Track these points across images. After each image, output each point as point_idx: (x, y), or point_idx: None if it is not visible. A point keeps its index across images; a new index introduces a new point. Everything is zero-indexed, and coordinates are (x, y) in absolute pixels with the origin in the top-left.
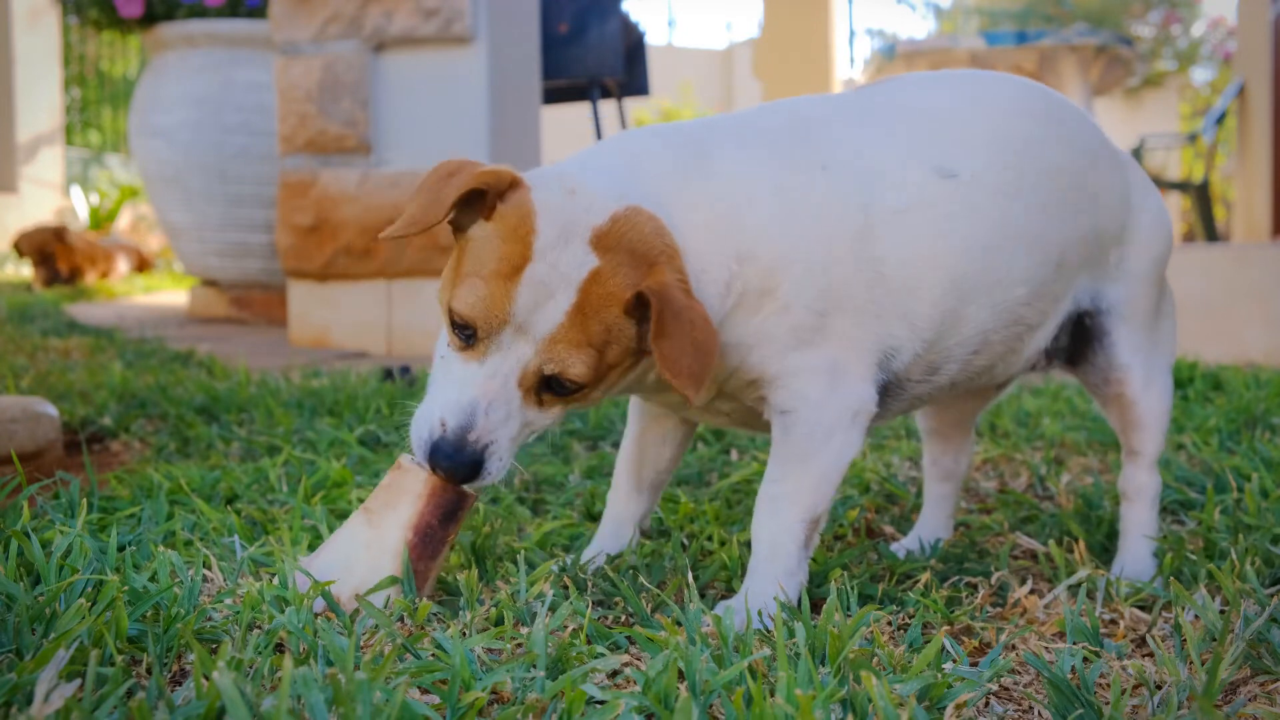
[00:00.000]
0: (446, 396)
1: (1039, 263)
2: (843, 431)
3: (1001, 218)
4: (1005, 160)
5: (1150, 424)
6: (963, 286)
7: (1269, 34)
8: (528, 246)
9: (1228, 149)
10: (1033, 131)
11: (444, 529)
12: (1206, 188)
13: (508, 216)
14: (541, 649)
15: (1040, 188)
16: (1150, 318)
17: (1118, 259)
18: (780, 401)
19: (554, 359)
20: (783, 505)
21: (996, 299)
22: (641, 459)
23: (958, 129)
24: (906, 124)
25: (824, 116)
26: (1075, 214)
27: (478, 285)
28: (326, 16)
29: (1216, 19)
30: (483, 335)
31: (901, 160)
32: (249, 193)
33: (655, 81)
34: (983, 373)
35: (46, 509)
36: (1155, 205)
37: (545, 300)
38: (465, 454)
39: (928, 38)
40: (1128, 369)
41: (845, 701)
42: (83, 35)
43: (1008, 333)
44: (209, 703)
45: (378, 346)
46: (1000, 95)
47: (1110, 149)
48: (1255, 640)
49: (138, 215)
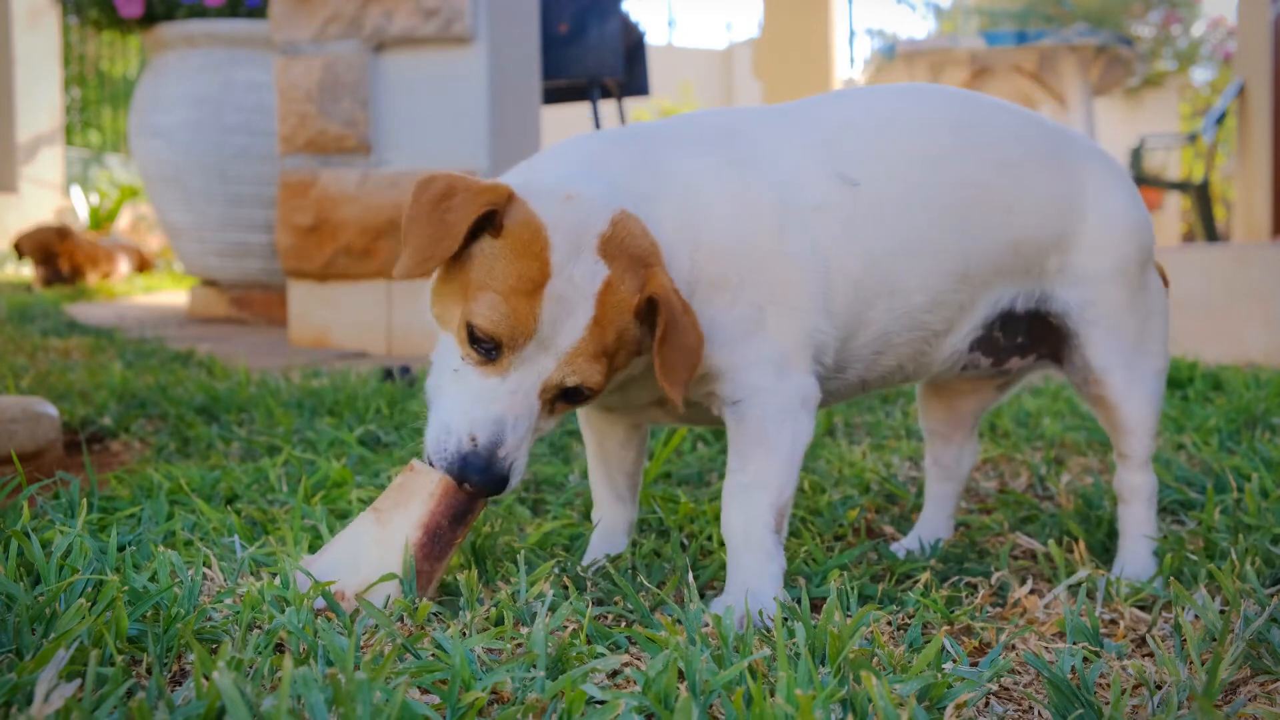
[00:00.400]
0: (472, 411)
1: (938, 273)
2: (795, 417)
3: (900, 228)
4: (905, 173)
5: (1134, 428)
6: (864, 291)
7: (1269, 34)
8: (545, 263)
9: (1228, 149)
10: (938, 147)
11: (453, 530)
12: (1206, 188)
13: (519, 233)
14: (541, 649)
15: (941, 202)
16: (1127, 320)
17: (1060, 265)
18: (730, 393)
19: (576, 371)
20: (752, 493)
21: (896, 305)
22: (610, 468)
23: (863, 142)
24: (817, 134)
25: (744, 125)
26: (982, 228)
27: (498, 302)
28: (326, 16)
29: (1216, 19)
30: (508, 351)
31: (808, 166)
32: (249, 193)
33: (655, 81)
34: (893, 373)
35: (46, 509)
36: (1115, 207)
37: (566, 316)
38: (496, 469)
39: (928, 38)
40: (1106, 372)
41: (845, 701)
42: (83, 35)
43: (911, 336)
44: (209, 703)
45: (378, 346)
46: (912, 110)
47: (1050, 156)
48: (1255, 640)
49: (138, 215)
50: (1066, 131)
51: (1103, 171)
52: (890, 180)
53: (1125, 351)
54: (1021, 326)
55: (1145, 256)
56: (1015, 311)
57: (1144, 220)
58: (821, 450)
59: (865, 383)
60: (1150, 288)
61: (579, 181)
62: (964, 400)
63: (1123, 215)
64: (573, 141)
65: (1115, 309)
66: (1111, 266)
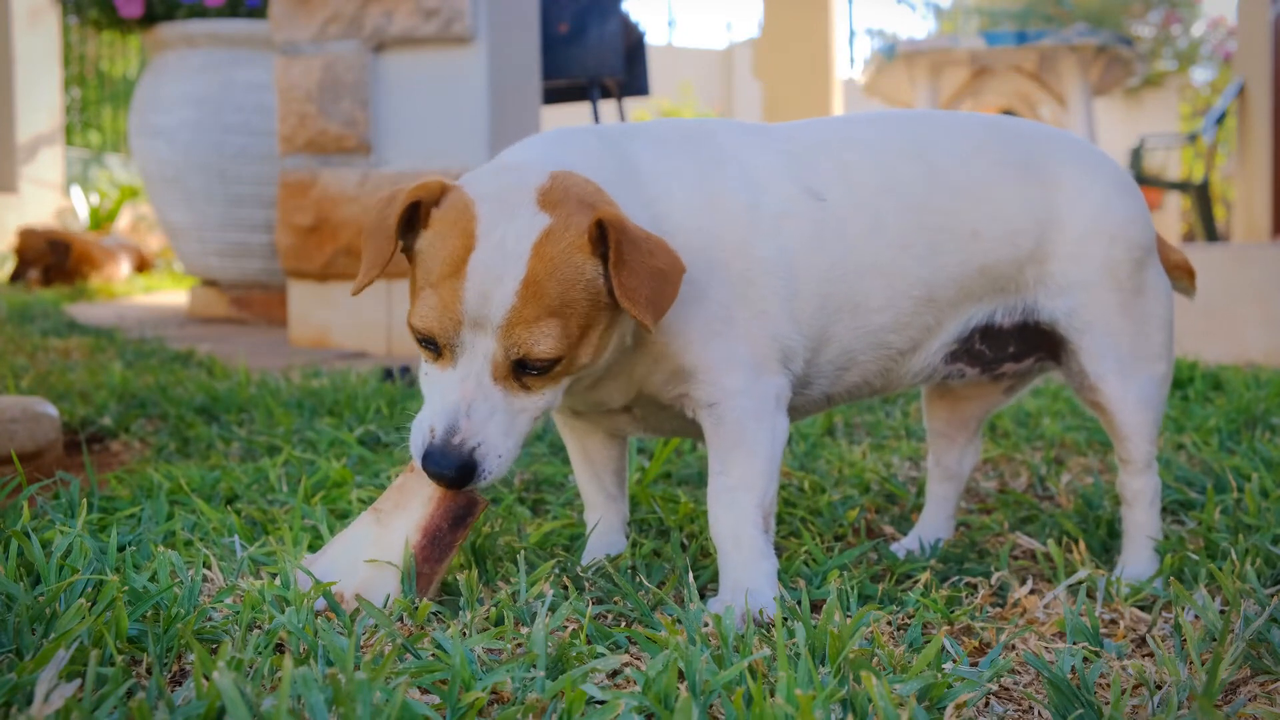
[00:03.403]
0: (433, 405)
1: (902, 296)
2: (771, 416)
3: (864, 249)
4: (869, 200)
5: (1131, 434)
6: (829, 304)
7: (1269, 34)
8: (469, 236)
9: (1228, 149)
10: (902, 174)
11: (453, 533)
12: (1206, 188)
13: (445, 214)
14: (541, 649)
15: (904, 229)
16: (1120, 325)
17: (1040, 276)
18: (704, 396)
19: (516, 343)
20: (737, 495)
21: (859, 323)
22: (596, 468)
23: (831, 164)
24: (788, 148)
25: (718, 130)
26: (947, 254)
27: (429, 296)
28: (326, 16)
29: (1216, 19)
30: (444, 343)
31: (778, 175)
32: (249, 193)
33: (655, 81)
34: (859, 388)
35: (46, 509)
36: (1093, 209)
37: (494, 286)
38: (452, 457)
39: (928, 38)
40: (1100, 379)
41: (845, 701)
42: (83, 35)
43: (875, 355)
44: (209, 703)
45: (378, 346)
46: (876, 140)
47: (1018, 167)
48: (1255, 640)
49: (138, 215)
50: (1040, 134)
51: (1079, 171)
52: (855, 206)
53: (1121, 358)
54: (1010, 337)
55: (1137, 256)
56: (998, 325)
57: (1131, 217)
58: (821, 450)
59: (830, 398)
60: (1147, 289)
61: (526, 157)
62: (969, 403)
63: (1104, 216)
64: (543, 136)
65: (1106, 315)
66: (1097, 271)
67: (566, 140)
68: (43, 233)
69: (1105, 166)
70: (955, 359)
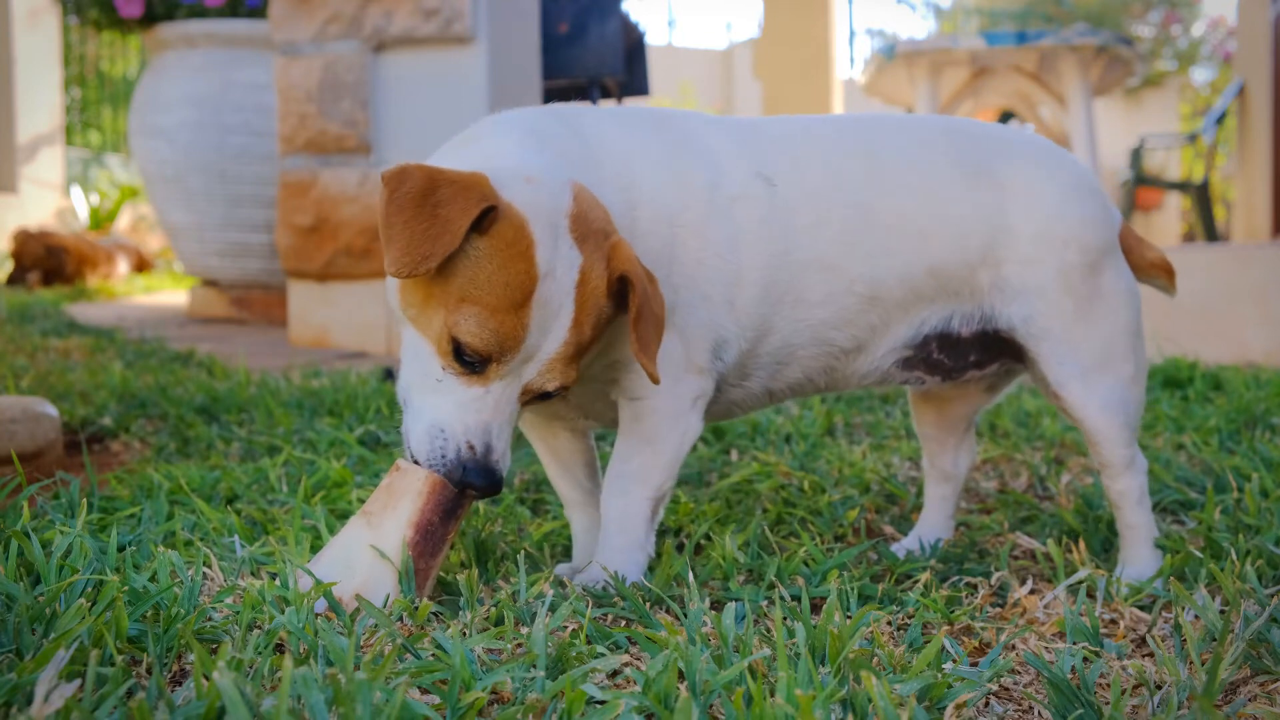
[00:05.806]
0: (464, 419)
1: (844, 292)
2: (685, 417)
3: (810, 243)
4: (819, 197)
5: (1100, 439)
6: (770, 293)
7: (1269, 34)
8: (531, 263)
9: (1228, 149)
10: (851, 171)
11: (445, 526)
12: (1206, 188)
13: (504, 231)
14: (541, 649)
15: (851, 228)
16: (1078, 330)
17: (994, 280)
18: (632, 388)
19: (556, 376)
20: (632, 484)
21: (800, 315)
22: (568, 465)
23: (786, 154)
24: (745, 136)
25: (679, 116)
26: (894, 254)
27: (486, 318)
28: (326, 16)
29: (1216, 19)
30: (495, 365)
31: (733, 159)
32: (249, 193)
33: (655, 81)
34: (801, 385)
35: (46, 509)
36: (1045, 211)
37: (552, 321)
38: (494, 474)
39: (928, 38)
40: (1060, 385)
41: (845, 701)
42: (83, 35)
43: (816, 351)
44: (209, 703)
45: (378, 346)
46: (831, 140)
47: (967, 170)
48: (1255, 640)
49: (138, 215)
50: (996, 137)
51: (1033, 174)
52: (804, 198)
53: (1081, 363)
54: (970, 346)
55: (1092, 259)
56: (957, 334)
57: (1086, 220)
58: (821, 450)
59: (771, 393)
60: (1106, 291)
61: (528, 160)
62: (953, 404)
63: (1057, 220)
64: (500, 120)
65: (1064, 320)
66: (1052, 276)
67: (539, 130)
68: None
69: (1063, 169)
70: (910, 366)
